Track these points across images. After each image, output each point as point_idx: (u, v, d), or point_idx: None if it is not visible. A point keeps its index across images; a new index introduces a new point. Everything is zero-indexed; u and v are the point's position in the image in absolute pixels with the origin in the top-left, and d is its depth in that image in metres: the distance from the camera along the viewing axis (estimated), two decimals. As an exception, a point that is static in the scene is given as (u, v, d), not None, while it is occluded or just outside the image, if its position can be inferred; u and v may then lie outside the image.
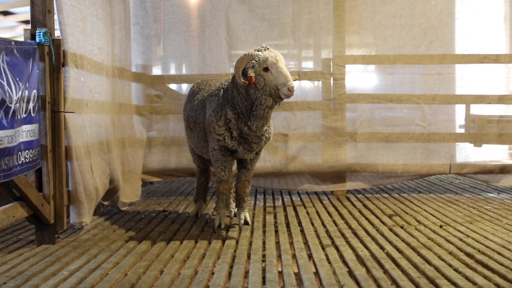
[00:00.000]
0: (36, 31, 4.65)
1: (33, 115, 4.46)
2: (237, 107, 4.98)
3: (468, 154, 7.67)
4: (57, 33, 4.92)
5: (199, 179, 6.19)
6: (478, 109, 7.59)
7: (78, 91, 5.04)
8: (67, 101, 4.84)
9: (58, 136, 4.78)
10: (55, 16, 4.84)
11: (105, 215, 6.11)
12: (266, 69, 4.74)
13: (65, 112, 4.82)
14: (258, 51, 4.85)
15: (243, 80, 4.77)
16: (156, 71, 7.81)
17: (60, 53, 4.80)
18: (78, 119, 5.04)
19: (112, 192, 5.93)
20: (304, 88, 7.65)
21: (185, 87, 7.91)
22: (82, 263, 4.08)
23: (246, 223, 5.42)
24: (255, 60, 4.78)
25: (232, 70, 7.43)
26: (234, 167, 5.57)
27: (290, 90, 4.65)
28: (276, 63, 4.73)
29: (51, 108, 4.74)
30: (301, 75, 7.37)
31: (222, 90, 5.19)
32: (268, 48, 4.88)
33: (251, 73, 4.75)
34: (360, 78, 7.75)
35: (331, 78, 7.43)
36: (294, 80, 4.85)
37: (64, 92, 4.83)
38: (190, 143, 5.93)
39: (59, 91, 4.78)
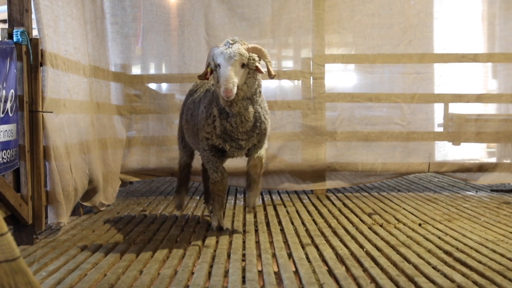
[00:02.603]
0: (14, 30, 4.62)
1: (10, 115, 4.42)
2: (218, 103, 4.81)
3: (447, 152, 7.73)
4: (34, 33, 4.89)
5: (182, 171, 5.99)
6: (456, 108, 7.64)
7: (56, 91, 5.01)
8: (45, 101, 4.80)
9: (36, 136, 4.75)
10: (33, 15, 4.81)
11: (84, 215, 6.07)
12: (219, 66, 4.58)
13: (43, 112, 4.79)
14: (226, 44, 4.65)
15: (198, 74, 4.84)
16: (135, 70, 7.77)
17: (38, 52, 4.77)
18: (56, 119, 5.00)
19: (91, 192, 5.89)
20: (283, 87, 7.66)
21: (164, 87, 7.88)
22: (61, 264, 4.06)
23: (253, 208, 5.31)
24: (212, 55, 4.67)
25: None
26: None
27: (224, 92, 4.45)
28: (224, 62, 4.53)
29: (29, 108, 4.71)
30: (280, 74, 7.38)
31: (212, 87, 5.07)
32: (235, 42, 4.65)
33: (208, 68, 4.74)
34: (340, 77, 7.78)
35: (311, 77, 7.44)
36: (273, 77, 4.77)
37: (42, 92, 4.80)
38: (186, 137, 5.62)
39: (37, 91, 4.75)
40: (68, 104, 5.28)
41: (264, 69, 4.74)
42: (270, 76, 4.79)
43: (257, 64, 4.65)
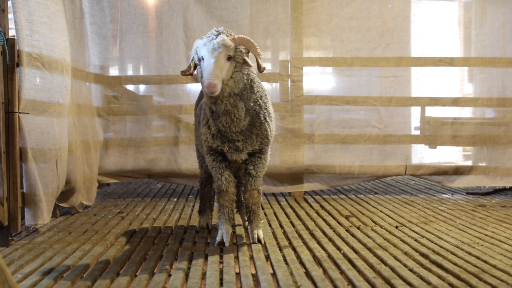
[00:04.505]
0: (-10, 31, 4.58)
1: (-14, 115, 4.38)
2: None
3: (423, 155, 7.78)
4: (11, 32, 4.85)
5: (205, 186, 5.52)
6: (433, 111, 7.71)
7: (34, 91, 4.96)
8: (21, 102, 4.76)
9: (12, 137, 4.71)
10: (9, 15, 4.77)
11: (60, 217, 6.02)
12: (202, 59, 4.18)
13: (20, 112, 4.75)
14: (210, 35, 4.23)
15: (182, 70, 4.37)
16: (113, 71, 7.72)
17: (15, 52, 4.73)
18: (33, 119, 4.96)
19: (68, 193, 5.85)
20: (262, 89, 7.66)
21: (142, 88, 7.85)
22: (37, 266, 4.02)
23: (259, 241, 4.73)
24: (196, 48, 4.28)
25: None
26: None
27: (207, 87, 4.05)
28: (207, 54, 4.12)
29: (5, 109, 4.66)
30: (259, 76, 7.37)
31: None
32: (220, 33, 4.22)
33: (192, 62, 4.31)
34: (318, 80, 7.79)
35: (289, 80, 7.46)
36: (262, 71, 4.39)
37: (19, 93, 4.76)
38: (199, 147, 5.31)
39: (13, 92, 4.70)
40: (46, 105, 5.23)
41: (253, 63, 4.41)
42: (259, 69, 4.40)
43: (244, 57, 4.28)
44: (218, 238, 4.67)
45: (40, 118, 5.02)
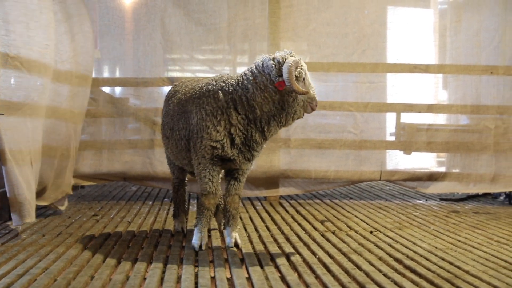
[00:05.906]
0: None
1: (-40, 116, 4.33)
2: (255, 111, 4.39)
3: (398, 161, 7.83)
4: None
5: (178, 190, 5.53)
6: (408, 118, 7.76)
7: (10, 92, 4.91)
8: (-4, 103, 4.71)
9: (-12, 139, 4.66)
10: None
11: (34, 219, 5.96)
12: (302, 78, 4.34)
13: (-6, 113, 4.71)
14: (292, 55, 4.39)
15: (302, 89, 4.26)
16: (90, 73, 7.67)
17: (-11, 53, 4.68)
18: (10, 120, 4.90)
19: (41, 192, 5.81)
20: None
21: (118, 90, 7.81)
22: (10, 269, 3.98)
23: (236, 245, 4.76)
24: (301, 68, 4.34)
25: (167, 74, 7.41)
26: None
27: (316, 106, 4.52)
28: (307, 74, 4.38)
29: (-21, 110, 4.62)
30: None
31: (219, 92, 4.47)
32: (294, 55, 4.40)
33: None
34: (294, 85, 7.79)
35: (266, 84, 7.45)
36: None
37: (-6, 93, 4.71)
38: (168, 153, 5.32)
39: (-13, 93, 4.66)
40: (21, 104, 5.17)
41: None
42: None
43: None
44: (197, 241, 4.64)
45: (13, 118, 4.95)
